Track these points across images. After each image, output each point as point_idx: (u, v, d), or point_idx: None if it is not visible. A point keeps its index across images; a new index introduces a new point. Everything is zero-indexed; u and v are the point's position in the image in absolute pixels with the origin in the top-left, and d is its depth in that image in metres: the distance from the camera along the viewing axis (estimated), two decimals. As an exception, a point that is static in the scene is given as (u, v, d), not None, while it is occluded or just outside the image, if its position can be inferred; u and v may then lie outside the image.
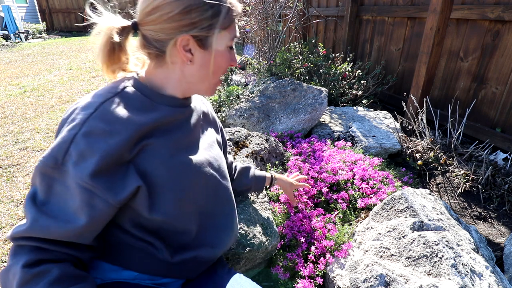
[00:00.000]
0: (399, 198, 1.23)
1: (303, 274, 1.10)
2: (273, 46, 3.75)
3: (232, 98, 2.83)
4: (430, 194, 1.29)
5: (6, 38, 8.48)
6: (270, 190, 1.48)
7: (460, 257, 0.97)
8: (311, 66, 3.09)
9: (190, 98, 0.77)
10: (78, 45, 7.98)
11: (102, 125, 0.58)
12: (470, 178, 1.68)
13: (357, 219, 1.37)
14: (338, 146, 1.90)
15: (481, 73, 2.20)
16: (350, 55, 3.26)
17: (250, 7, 3.81)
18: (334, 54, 3.35)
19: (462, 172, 1.73)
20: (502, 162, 1.80)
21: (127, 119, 0.61)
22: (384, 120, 2.36)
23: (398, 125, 2.26)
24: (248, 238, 1.08)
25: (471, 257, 1.01)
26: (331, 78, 2.95)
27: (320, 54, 3.35)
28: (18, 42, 8.37)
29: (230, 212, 0.84)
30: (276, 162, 1.74)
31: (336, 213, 1.36)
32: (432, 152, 1.91)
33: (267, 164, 1.71)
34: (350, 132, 2.15)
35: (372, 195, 1.43)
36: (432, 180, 1.80)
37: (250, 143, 1.72)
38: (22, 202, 1.83)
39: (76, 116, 0.59)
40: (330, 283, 1.09)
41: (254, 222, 1.16)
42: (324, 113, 2.47)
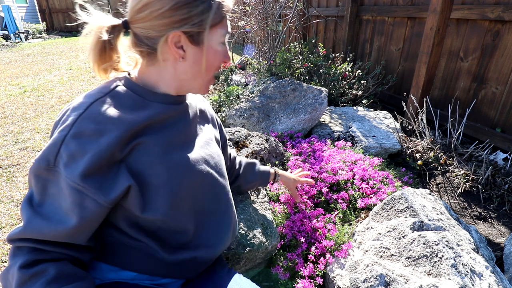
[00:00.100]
0: (399, 198, 1.23)
1: (303, 274, 1.10)
2: (273, 46, 3.75)
3: (232, 98, 2.83)
4: (430, 194, 1.29)
5: (6, 38, 8.48)
6: (270, 190, 1.48)
7: (460, 257, 0.97)
8: (311, 66, 3.09)
9: (185, 96, 0.76)
10: (78, 45, 7.98)
11: (92, 125, 0.58)
12: (470, 178, 1.68)
13: (357, 219, 1.37)
14: (338, 146, 1.90)
15: (481, 73, 2.20)
16: (350, 55, 3.26)
17: (250, 7, 3.81)
18: (334, 54, 3.35)
19: (462, 172, 1.73)
20: (502, 162, 1.80)
21: (117, 118, 0.60)
22: (384, 120, 2.36)
23: (398, 125, 2.26)
24: (248, 238, 1.08)
25: (471, 257, 1.01)
26: (331, 78, 2.95)
27: (320, 54, 3.35)
28: (18, 42, 8.38)
29: (228, 209, 0.82)
30: (276, 162, 1.74)
31: (336, 213, 1.35)
32: (432, 152, 1.91)
33: (267, 164, 1.71)
34: (350, 132, 2.15)
35: (372, 195, 1.43)
36: (432, 180, 1.80)
37: (250, 143, 1.72)
38: (22, 202, 1.83)
39: (67, 117, 0.60)
40: (330, 283, 1.09)
41: (254, 222, 1.16)
42: (324, 113, 2.47)
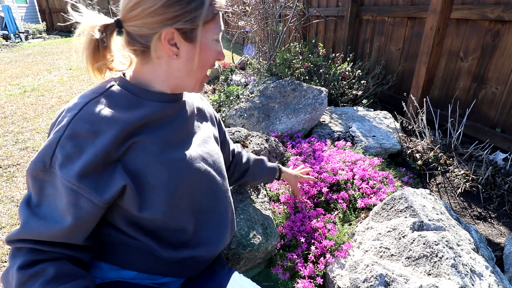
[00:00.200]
0: (399, 198, 1.23)
1: (303, 274, 1.10)
2: (273, 46, 3.75)
3: (232, 98, 2.83)
4: (430, 194, 1.29)
5: (6, 38, 8.48)
6: (270, 190, 1.48)
7: (460, 257, 0.97)
8: (311, 66, 3.09)
9: (181, 94, 0.75)
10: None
11: (87, 125, 0.58)
12: (470, 178, 1.68)
13: (357, 219, 1.37)
14: (338, 146, 1.90)
15: (481, 73, 2.20)
16: (350, 55, 3.26)
17: (250, 7, 3.81)
18: (334, 54, 3.35)
19: (462, 172, 1.73)
20: (502, 162, 1.80)
21: (112, 118, 0.60)
22: (384, 120, 2.36)
23: (398, 125, 2.26)
24: (248, 238, 1.08)
25: (471, 257, 1.01)
26: (331, 78, 2.95)
27: (320, 54, 3.35)
28: (18, 42, 8.38)
29: (226, 207, 0.82)
30: (276, 162, 1.74)
31: (336, 213, 1.35)
32: (432, 152, 1.91)
33: (267, 164, 1.71)
34: (350, 132, 2.15)
35: (372, 195, 1.43)
36: (432, 180, 1.80)
37: (250, 143, 1.72)
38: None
39: (62, 118, 0.60)
40: (330, 283, 1.09)
41: (254, 222, 1.16)
42: (324, 113, 2.47)
